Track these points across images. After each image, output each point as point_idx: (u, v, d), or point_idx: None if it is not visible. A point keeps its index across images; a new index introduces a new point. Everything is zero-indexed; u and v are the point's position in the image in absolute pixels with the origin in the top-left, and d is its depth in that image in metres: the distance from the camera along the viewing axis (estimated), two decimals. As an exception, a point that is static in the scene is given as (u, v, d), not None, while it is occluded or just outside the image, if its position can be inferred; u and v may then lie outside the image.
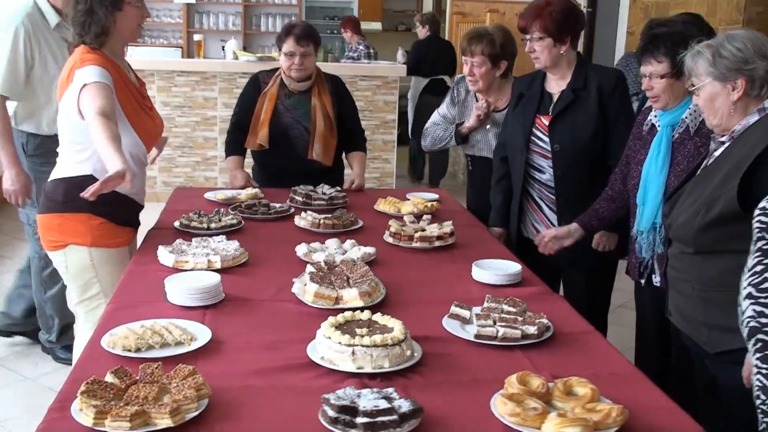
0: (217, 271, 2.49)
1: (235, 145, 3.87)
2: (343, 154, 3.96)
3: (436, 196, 3.67)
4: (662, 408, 1.73)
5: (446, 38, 9.00)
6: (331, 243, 2.79)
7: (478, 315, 2.12)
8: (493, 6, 8.34)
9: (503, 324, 2.05)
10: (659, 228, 2.60)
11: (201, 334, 2.00)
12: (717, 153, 2.14)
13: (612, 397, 1.70)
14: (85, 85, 2.63)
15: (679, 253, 2.20)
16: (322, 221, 3.05)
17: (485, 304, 2.20)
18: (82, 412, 1.56)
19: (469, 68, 3.39)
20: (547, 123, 3.11)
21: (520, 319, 2.10)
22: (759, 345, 1.70)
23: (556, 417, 1.57)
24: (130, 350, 1.89)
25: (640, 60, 2.58)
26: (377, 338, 1.85)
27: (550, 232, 2.96)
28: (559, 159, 3.08)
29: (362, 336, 1.88)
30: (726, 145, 2.11)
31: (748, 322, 1.72)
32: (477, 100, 3.55)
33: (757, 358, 1.71)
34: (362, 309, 2.12)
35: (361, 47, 8.64)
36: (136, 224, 3.01)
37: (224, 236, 2.79)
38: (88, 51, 2.78)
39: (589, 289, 3.12)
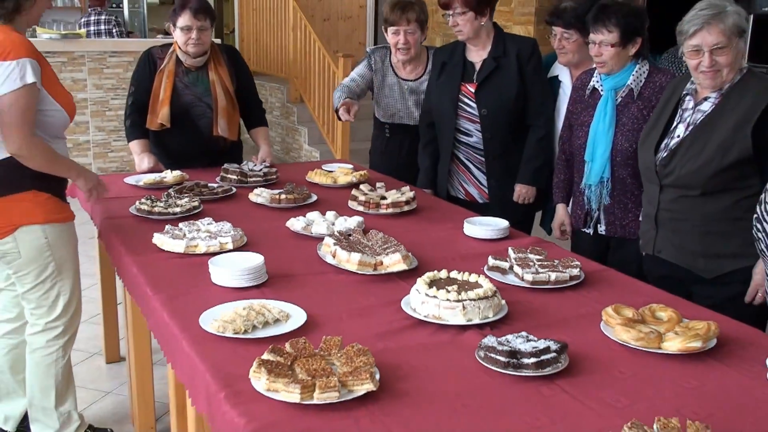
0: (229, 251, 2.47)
1: (136, 127, 3.70)
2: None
3: (351, 166, 3.80)
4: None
5: (236, 14, 8.97)
6: (314, 215, 2.84)
7: (518, 264, 2.34)
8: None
9: (548, 269, 2.30)
10: (606, 182, 2.97)
11: (291, 310, 2.03)
12: (705, 108, 2.52)
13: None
14: (24, 86, 2.51)
15: (677, 198, 2.56)
16: (283, 197, 3.07)
17: (514, 255, 2.43)
18: (282, 392, 1.57)
19: (404, 37, 3.54)
20: (473, 90, 3.37)
21: (556, 262, 2.35)
22: None
23: (674, 335, 1.85)
24: (238, 332, 1.88)
25: (591, 30, 2.91)
26: (480, 291, 2.01)
27: (562, 223, 3.24)
28: (487, 122, 3.36)
29: (453, 291, 2.02)
30: (714, 100, 2.49)
31: None
32: (393, 70, 3.72)
33: None
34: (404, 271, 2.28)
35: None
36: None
37: (211, 218, 2.73)
38: (10, 30, 2.62)
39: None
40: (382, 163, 3.84)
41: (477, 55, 3.41)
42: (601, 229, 3.05)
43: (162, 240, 2.52)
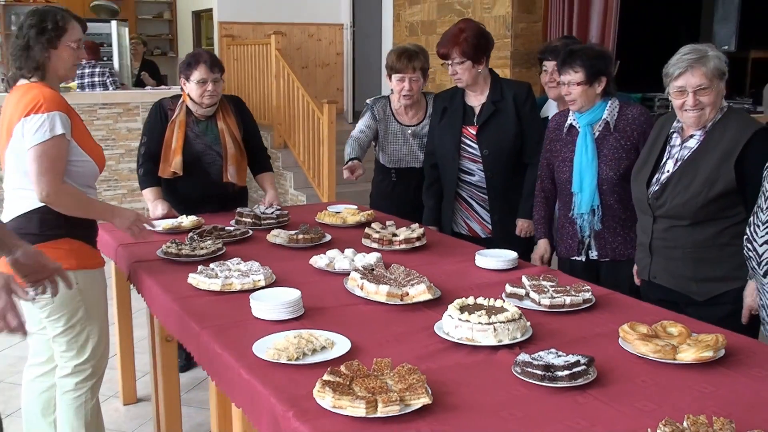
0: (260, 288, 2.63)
1: (149, 176, 3.86)
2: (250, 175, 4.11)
3: (355, 206, 3.99)
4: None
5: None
6: (334, 253, 3.02)
7: (534, 290, 2.54)
8: (278, 28, 8.67)
9: (562, 294, 2.50)
10: (597, 209, 3.21)
11: (335, 338, 2.19)
12: (692, 145, 2.76)
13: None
14: (53, 137, 2.71)
15: (669, 227, 2.79)
16: (300, 237, 3.24)
17: (528, 282, 2.62)
18: (348, 408, 1.73)
19: (408, 84, 3.76)
20: (474, 132, 3.60)
21: (568, 288, 2.55)
22: None
23: (688, 347, 2.05)
24: (291, 359, 2.04)
25: (559, 72, 3.19)
26: (508, 315, 2.20)
27: (542, 258, 3.46)
28: (489, 162, 3.58)
29: (483, 315, 2.20)
30: (699, 138, 2.74)
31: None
32: (395, 118, 3.94)
33: None
34: (429, 301, 2.47)
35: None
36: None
37: (240, 258, 2.89)
38: (44, 86, 2.80)
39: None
40: (388, 205, 4.00)
41: (476, 99, 3.65)
42: (593, 254, 3.27)
43: (198, 279, 2.67)
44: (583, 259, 3.31)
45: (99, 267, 2.97)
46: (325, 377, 1.86)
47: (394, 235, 3.27)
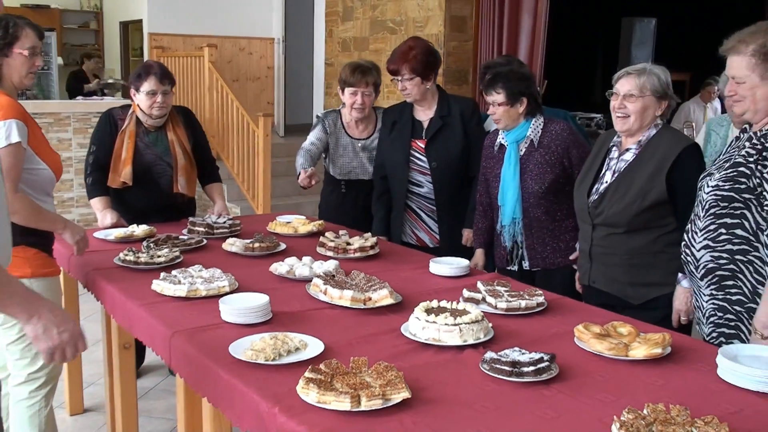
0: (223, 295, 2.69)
1: (97, 185, 3.86)
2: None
3: (304, 217, 4.07)
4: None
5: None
6: (293, 260, 3.09)
7: (491, 295, 2.67)
8: (209, 41, 8.66)
9: (517, 298, 2.64)
10: (518, 221, 3.39)
11: (307, 340, 2.28)
12: (628, 158, 2.96)
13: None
14: (8, 144, 2.72)
15: (606, 235, 2.98)
16: (256, 245, 3.31)
17: (484, 287, 2.76)
18: (333, 402, 1.82)
19: (361, 98, 3.87)
20: (423, 145, 3.75)
21: (522, 293, 2.70)
22: (714, 279, 2.53)
23: (638, 345, 2.22)
24: (269, 359, 2.12)
25: (484, 93, 3.39)
26: (471, 316, 2.32)
27: (476, 266, 3.57)
28: (437, 174, 3.73)
29: (449, 317, 2.33)
30: (634, 151, 2.95)
31: (705, 265, 2.54)
32: (345, 131, 4.04)
33: (713, 290, 2.54)
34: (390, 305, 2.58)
35: None
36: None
37: (201, 265, 2.94)
38: (0, 94, 2.81)
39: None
40: (337, 216, 4.09)
41: (424, 114, 3.79)
42: (525, 264, 3.45)
43: (162, 286, 2.71)
44: (516, 269, 3.48)
45: (55, 275, 2.97)
46: (307, 374, 1.94)
47: (348, 243, 3.36)
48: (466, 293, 2.71)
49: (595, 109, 8.92)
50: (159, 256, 3.09)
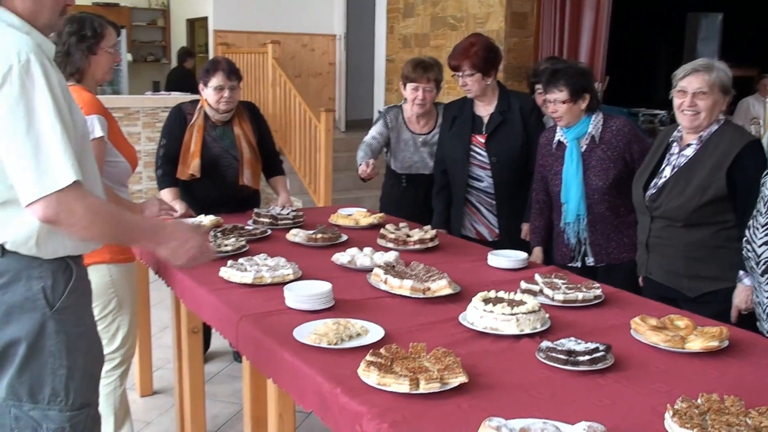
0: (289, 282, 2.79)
1: (167, 177, 4.01)
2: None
3: (365, 209, 4.16)
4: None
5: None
6: (354, 251, 3.18)
7: (548, 287, 2.72)
8: (273, 38, 8.83)
9: (574, 290, 2.68)
10: (582, 218, 3.40)
11: (368, 326, 2.36)
12: (688, 153, 2.97)
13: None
14: (93, 139, 2.85)
15: (665, 227, 3.00)
16: (318, 236, 3.41)
17: (541, 279, 2.80)
18: (393, 385, 1.90)
19: (422, 93, 3.95)
20: (483, 141, 3.80)
21: (579, 285, 2.74)
22: None
23: (695, 337, 2.24)
24: (331, 343, 2.21)
25: (545, 91, 3.39)
26: (528, 306, 2.38)
27: (537, 261, 3.60)
28: (497, 169, 3.78)
29: (507, 307, 2.38)
30: (695, 146, 2.95)
31: (767, 260, 2.54)
32: (407, 126, 4.12)
33: None
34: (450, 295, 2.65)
35: None
36: None
37: (266, 254, 3.05)
38: (82, 90, 2.94)
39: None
40: (397, 209, 4.17)
41: (484, 109, 3.84)
42: (590, 261, 3.47)
43: (229, 273, 2.83)
44: (579, 265, 3.50)
45: (131, 261, 3.11)
46: (368, 358, 2.02)
47: (408, 236, 3.43)
48: (523, 285, 2.76)
49: (658, 105, 8.80)
50: (226, 245, 3.21)
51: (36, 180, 1.81)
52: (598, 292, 2.70)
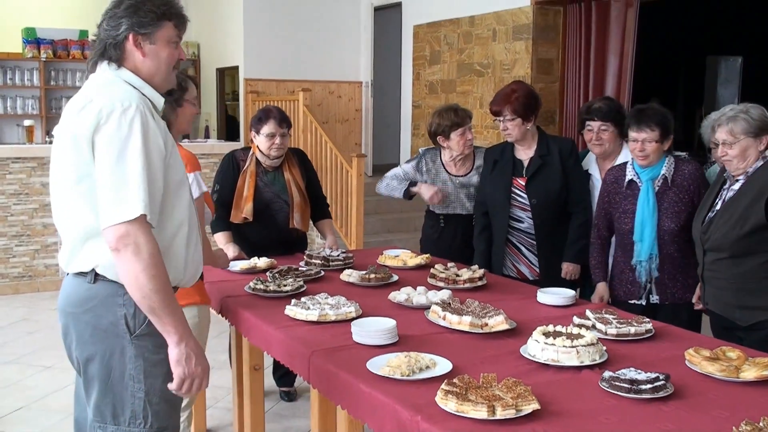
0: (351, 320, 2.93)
1: (221, 221, 4.18)
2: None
3: (409, 251, 4.31)
4: None
5: (241, 114, 9.74)
6: (408, 290, 3.32)
7: (600, 322, 2.84)
8: (301, 85, 9.10)
9: (626, 325, 2.81)
10: (654, 257, 3.53)
11: (436, 359, 2.49)
12: (736, 187, 3.14)
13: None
14: (201, 194, 3.09)
15: (715, 260, 3.16)
16: (372, 276, 3.56)
17: (593, 315, 2.93)
18: (471, 411, 2.03)
19: (470, 134, 4.18)
20: (523, 183, 3.95)
21: (630, 320, 2.86)
22: None
23: (749, 367, 2.36)
24: (404, 375, 2.34)
25: (632, 129, 3.51)
26: (587, 339, 2.51)
27: (601, 299, 3.73)
28: (537, 210, 3.93)
29: (567, 340, 2.51)
30: (741, 182, 3.12)
31: None
32: (444, 168, 4.30)
33: None
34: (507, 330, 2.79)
35: None
36: None
37: (326, 293, 3.20)
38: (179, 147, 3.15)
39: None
40: (436, 249, 4.33)
41: (524, 153, 4.01)
42: (654, 299, 3.58)
43: (295, 311, 2.97)
44: (644, 303, 3.61)
45: (209, 303, 3.26)
46: (444, 387, 2.15)
47: (457, 275, 3.58)
48: (576, 320, 2.89)
49: (678, 147, 8.95)
50: (285, 285, 3.36)
51: (113, 208, 2.05)
52: (649, 326, 2.82)
